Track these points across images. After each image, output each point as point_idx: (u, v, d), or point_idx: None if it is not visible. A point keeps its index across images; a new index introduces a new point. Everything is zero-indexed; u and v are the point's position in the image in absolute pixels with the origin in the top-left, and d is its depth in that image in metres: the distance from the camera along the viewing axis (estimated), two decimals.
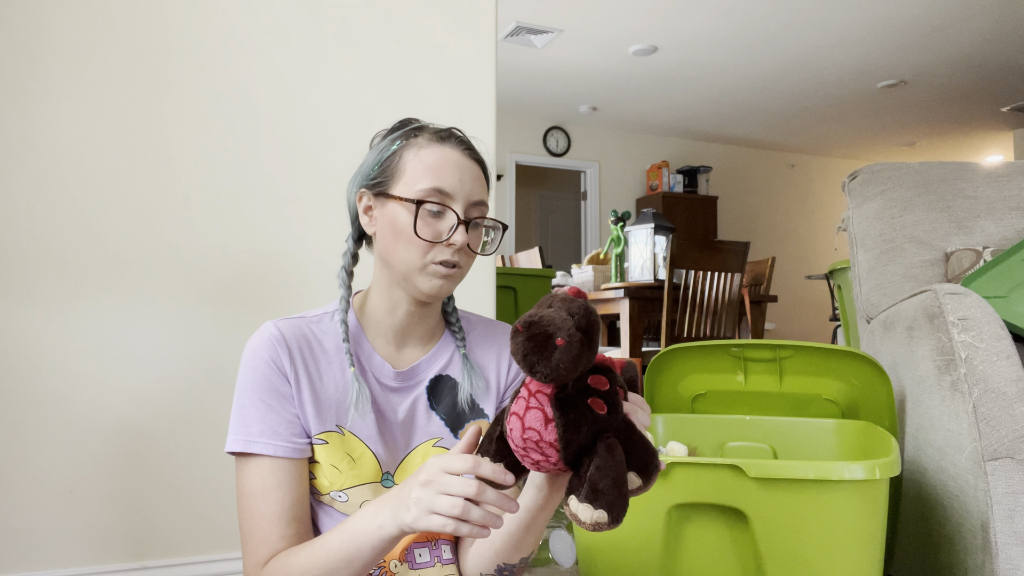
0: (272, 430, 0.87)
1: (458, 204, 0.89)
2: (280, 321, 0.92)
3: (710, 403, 1.48)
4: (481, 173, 0.94)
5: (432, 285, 0.90)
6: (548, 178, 7.99)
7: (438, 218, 0.89)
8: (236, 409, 0.89)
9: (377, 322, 0.95)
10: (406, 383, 0.95)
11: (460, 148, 0.92)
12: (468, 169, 0.91)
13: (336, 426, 0.90)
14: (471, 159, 0.93)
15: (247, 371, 0.89)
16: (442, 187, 0.88)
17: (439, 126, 0.95)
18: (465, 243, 0.89)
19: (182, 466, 1.48)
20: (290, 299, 1.59)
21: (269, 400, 0.88)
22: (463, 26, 1.81)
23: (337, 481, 0.90)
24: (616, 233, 3.40)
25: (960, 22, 4.74)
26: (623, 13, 4.61)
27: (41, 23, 1.45)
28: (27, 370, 1.40)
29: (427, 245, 0.88)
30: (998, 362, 1.14)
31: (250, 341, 0.91)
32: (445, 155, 0.91)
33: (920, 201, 1.72)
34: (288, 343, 0.90)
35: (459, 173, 0.90)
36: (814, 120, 6.91)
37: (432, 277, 0.89)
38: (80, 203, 1.46)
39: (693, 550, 0.97)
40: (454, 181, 0.89)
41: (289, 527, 0.86)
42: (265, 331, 0.91)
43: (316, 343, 0.92)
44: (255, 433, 0.87)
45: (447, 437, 0.96)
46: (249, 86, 1.60)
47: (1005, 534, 1.09)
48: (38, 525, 1.39)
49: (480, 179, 0.93)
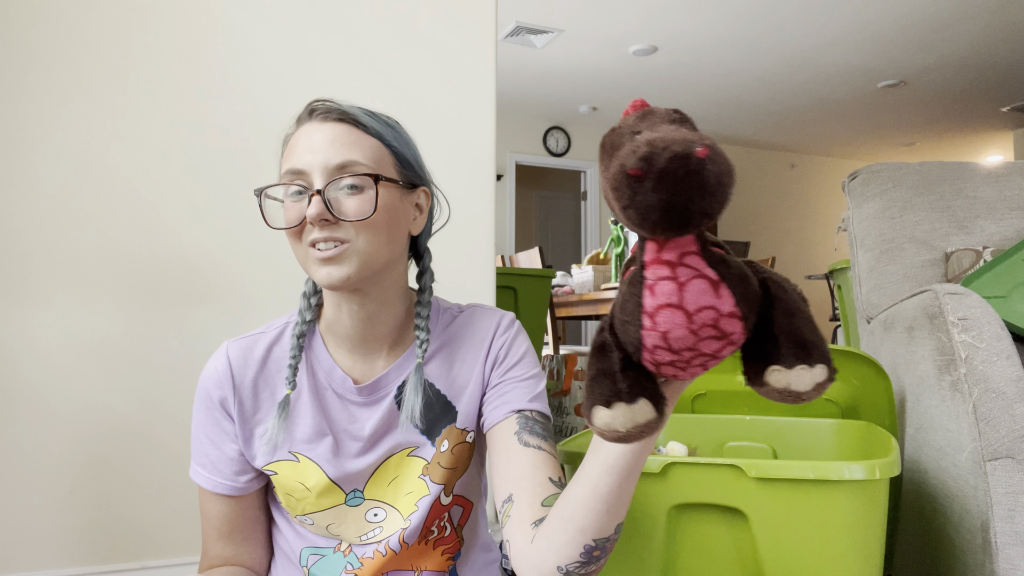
0: (213, 466, 0.87)
1: (316, 176, 0.77)
2: (234, 345, 0.87)
3: (710, 403, 1.48)
4: (349, 130, 0.79)
5: (320, 274, 0.77)
6: (548, 178, 7.99)
7: (298, 200, 0.78)
8: (192, 434, 0.90)
9: (334, 333, 0.87)
10: (370, 397, 0.87)
11: (318, 119, 0.80)
12: (321, 134, 0.78)
13: (290, 453, 0.86)
14: (329, 121, 0.79)
15: (196, 400, 0.89)
16: (292, 166, 0.78)
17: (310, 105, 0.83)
18: (322, 214, 0.75)
19: (182, 466, 1.48)
20: (290, 299, 1.59)
21: (212, 435, 0.87)
22: (463, 26, 1.81)
23: (296, 507, 0.87)
24: (616, 233, 3.40)
25: (960, 22, 4.74)
26: (623, 13, 4.61)
27: (41, 23, 1.45)
28: (27, 370, 1.40)
29: (295, 232, 0.78)
30: (998, 362, 1.14)
31: (204, 369, 0.88)
32: (300, 133, 0.80)
33: (920, 201, 1.72)
34: (235, 376, 0.86)
35: (308, 143, 0.78)
36: (814, 120, 6.91)
37: (318, 266, 0.77)
38: (80, 203, 1.46)
39: (693, 550, 0.97)
40: (303, 153, 0.77)
41: (226, 548, 0.90)
42: (213, 363, 0.87)
43: (272, 364, 0.88)
44: (199, 464, 0.89)
45: (425, 445, 0.89)
46: (250, 86, 1.60)
47: (1005, 534, 1.09)
48: (38, 525, 1.39)
49: (343, 138, 0.78)
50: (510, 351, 0.91)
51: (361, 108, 0.83)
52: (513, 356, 0.90)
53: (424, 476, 0.89)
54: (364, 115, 0.81)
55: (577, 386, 2.45)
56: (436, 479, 0.89)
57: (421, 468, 0.89)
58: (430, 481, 0.89)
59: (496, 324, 0.92)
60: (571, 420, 2.44)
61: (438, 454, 0.89)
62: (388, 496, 0.89)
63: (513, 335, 0.92)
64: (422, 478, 0.89)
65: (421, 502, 0.89)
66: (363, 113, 0.81)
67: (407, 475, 0.89)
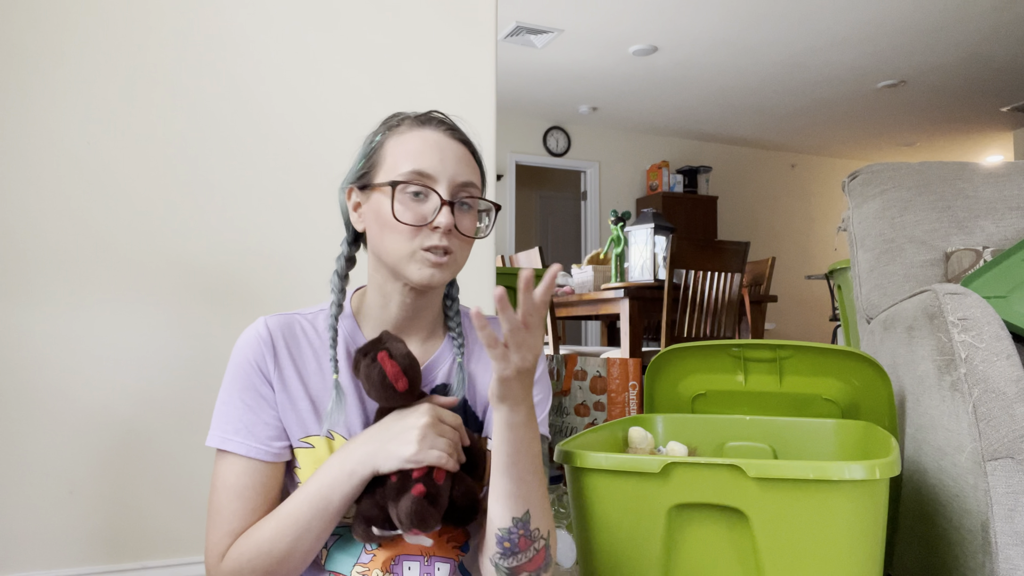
0: (248, 430, 0.86)
1: (442, 185, 0.85)
2: (271, 318, 0.90)
3: (710, 403, 1.48)
4: (468, 153, 0.89)
5: (423, 275, 0.85)
6: (548, 178, 7.99)
7: (421, 201, 0.85)
8: (218, 405, 0.88)
9: (373, 319, 0.92)
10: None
11: (441, 129, 0.88)
12: (450, 149, 0.87)
13: (327, 431, 0.88)
14: (455, 139, 0.88)
15: (232, 368, 0.88)
16: (421, 169, 0.85)
17: (421, 111, 0.91)
18: (450, 225, 0.83)
19: (182, 466, 1.48)
20: (290, 299, 1.59)
21: (249, 400, 0.87)
22: (463, 26, 1.81)
23: None
24: (616, 233, 3.40)
25: (960, 22, 4.74)
26: (623, 13, 4.61)
27: (41, 23, 1.45)
28: (27, 370, 1.40)
29: (411, 230, 0.84)
30: (998, 362, 1.14)
31: (240, 337, 0.89)
32: (424, 137, 0.87)
33: (920, 201, 1.72)
34: (275, 343, 0.88)
35: (439, 153, 0.86)
36: (814, 120, 6.91)
37: (422, 266, 0.85)
38: (80, 203, 1.46)
39: (693, 550, 0.97)
40: (435, 161, 0.85)
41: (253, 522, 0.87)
42: (253, 329, 0.89)
43: (307, 342, 0.90)
44: (231, 431, 0.86)
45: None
46: (250, 87, 1.60)
47: (1005, 534, 1.09)
48: (38, 525, 1.39)
49: (466, 159, 0.88)
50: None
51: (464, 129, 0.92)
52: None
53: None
54: (474, 142, 0.92)
55: (577, 386, 2.46)
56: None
57: None
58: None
59: None
60: (571, 420, 2.45)
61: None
62: None
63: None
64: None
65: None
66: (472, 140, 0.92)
67: None
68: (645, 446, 1.30)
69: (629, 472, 0.97)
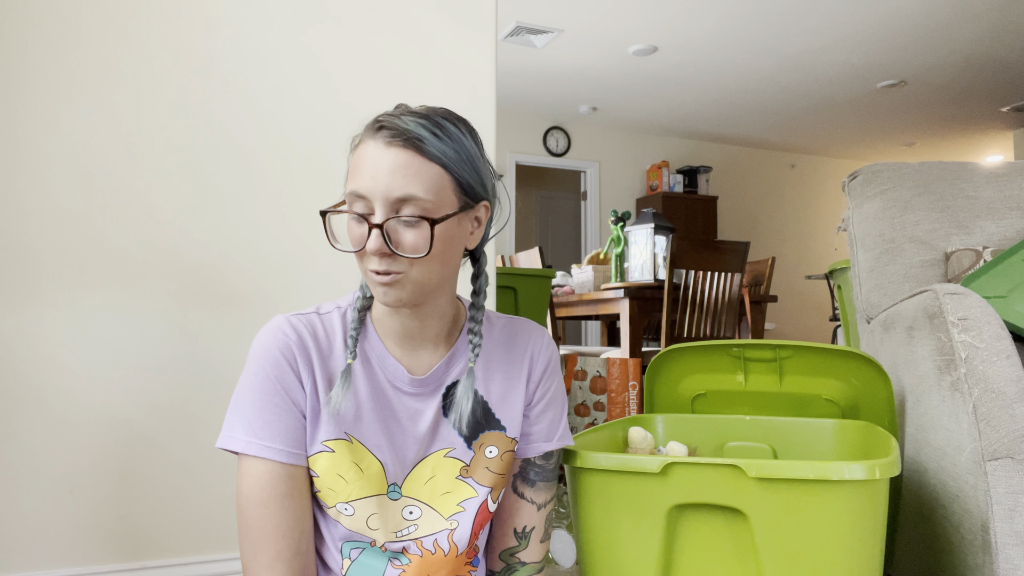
0: (284, 435, 0.83)
1: (378, 203, 0.77)
2: (293, 317, 0.87)
3: (710, 403, 1.48)
4: (411, 160, 0.78)
5: (378, 294, 0.81)
6: (548, 178, 7.99)
7: (360, 223, 0.80)
8: (236, 405, 0.84)
9: (383, 324, 0.90)
10: (422, 389, 0.90)
11: (384, 138, 0.78)
12: (386, 161, 0.77)
13: (345, 434, 0.86)
14: (396, 147, 0.77)
15: (255, 367, 0.84)
16: (356, 189, 0.78)
17: (381, 115, 0.82)
18: (381, 250, 0.78)
19: (182, 466, 1.48)
20: (290, 299, 1.59)
21: (277, 401, 0.83)
22: (463, 26, 1.81)
23: (343, 492, 0.86)
24: (616, 233, 3.40)
25: (960, 22, 4.74)
26: (623, 13, 4.61)
27: (41, 23, 1.45)
28: (26, 370, 1.40)
29: (358, 254, 0.81)
30: (998, 362, 1.14)
31: (262, 336, 0.85)
32: (365, 152, 0.79)
33: (920, 201, 1.72)
34: (305, 344, 0.85)
35: (372, 169, 0.77)
36: (814, 120, 6.91)
37: (376, 287, 0.81)
38: (80, 203, 1.46)
39: (693, 550, 0.97)
40: (366, 180, 0.78)
41: (302, 541, 0.84)
42: (279, 329, 0.85)
43: (326, 343, 0.87)
44: (267, 437, 0.82)
45: (459, 447, 0.91)
46: (249, 86, 1.60)
47: (1005, 534, 1.09)
48: (38, 525, 1.39)
49: (406, 168, 0.77)
50: (550, 384, 0.98)
51: (428, 123, 0.80)
52: (546, 386, 0.98)
53: (467, 479, 0.91)
54: (429, 136, 0.79)
55: (577, 386, 2.46)
56: (484, 482, 0.92)
57: (459, 470, 0.91)
58: (476, 483, 0.91)
59: (541, 343, 0.99)
60: (571, 420, 2.45)
61: (483, 458, 0.92)
62: (424, 495, 0.90)
63: (554, 358, 0.99)
64: (463, 480, 0.91)
65: (468, 503, 0.91)
66: (429, 134, 0.79)
67: (444, 475, 0.90)
68: (645, 446, 1.30)
69: (629, 472, 0.97)
